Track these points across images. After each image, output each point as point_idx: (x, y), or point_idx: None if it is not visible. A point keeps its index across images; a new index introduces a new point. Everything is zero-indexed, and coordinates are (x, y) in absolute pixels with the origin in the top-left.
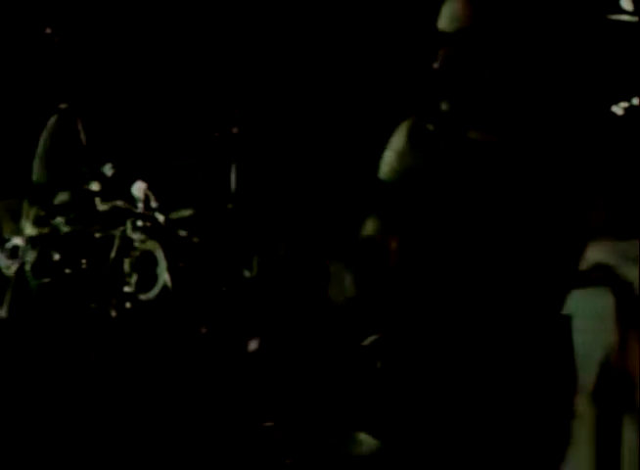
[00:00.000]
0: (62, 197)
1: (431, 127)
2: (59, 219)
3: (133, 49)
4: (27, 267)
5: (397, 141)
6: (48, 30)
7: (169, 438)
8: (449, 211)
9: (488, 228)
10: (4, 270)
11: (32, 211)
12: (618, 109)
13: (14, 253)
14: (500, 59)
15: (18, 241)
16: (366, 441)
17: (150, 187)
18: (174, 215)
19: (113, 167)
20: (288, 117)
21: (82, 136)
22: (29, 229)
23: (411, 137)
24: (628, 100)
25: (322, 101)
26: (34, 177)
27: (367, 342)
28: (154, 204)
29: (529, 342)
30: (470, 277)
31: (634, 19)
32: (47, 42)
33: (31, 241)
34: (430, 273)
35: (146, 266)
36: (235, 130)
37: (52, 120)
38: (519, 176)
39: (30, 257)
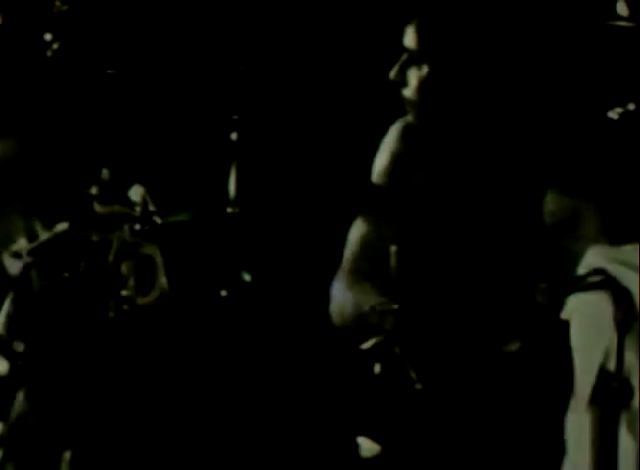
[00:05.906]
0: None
1: (424, 128)
2: (61, 223)
3: (130, 52)
4: (33, 270)
5: (390, 142)
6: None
7: (166, 440)
8: (444, 212)
9: (484, 229)
10: (8, 270)
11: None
12: (614, 114)
13: (18, 254)
14: (488, 67)
15: (23, 242)
16: (367, 445)
17: (148, 191)
18: (172, 219)
19: (110, 171)
20: (285, 120)
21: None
22: (36, 232)
23: (404, 138)
24: (624, 105)
25: (318, 102)
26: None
27: (366, 345)
28: (152, 207)
29: (527, 345)
30: (467, 279)
31: (630, 24)
32: (45, 46)
33: (35, 243)
34: (427, 275)
35: (144, 270)
36: (234, 136)
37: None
38: (513, 179)
39: (33, 259)
